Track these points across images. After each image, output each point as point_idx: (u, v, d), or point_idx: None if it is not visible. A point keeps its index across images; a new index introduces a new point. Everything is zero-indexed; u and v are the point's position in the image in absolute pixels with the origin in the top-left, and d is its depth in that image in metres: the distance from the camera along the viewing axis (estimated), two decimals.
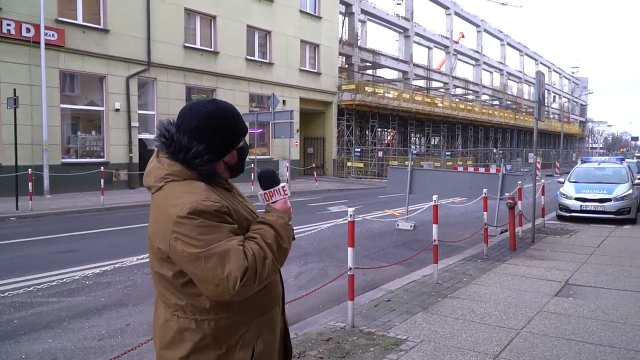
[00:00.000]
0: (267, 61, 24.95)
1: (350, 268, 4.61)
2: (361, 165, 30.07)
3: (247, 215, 1.75)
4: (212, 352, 1.66)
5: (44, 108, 16.06)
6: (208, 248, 1.54)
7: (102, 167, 15.57)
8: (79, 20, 17.64)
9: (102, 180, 14.85)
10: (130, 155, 19.10)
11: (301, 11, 26.68)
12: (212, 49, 22.21)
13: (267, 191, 1.79)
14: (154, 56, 19.59)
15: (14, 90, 13.89)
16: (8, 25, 15.58)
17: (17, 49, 15.92)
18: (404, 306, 5.33)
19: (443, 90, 49.12)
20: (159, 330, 1.74)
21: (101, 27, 18.13)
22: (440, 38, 46.68)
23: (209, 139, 1.70)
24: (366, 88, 30.82)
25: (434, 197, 6.29)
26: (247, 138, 1.90)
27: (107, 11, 18.23)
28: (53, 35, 16.56)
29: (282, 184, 1.81)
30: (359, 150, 31.42)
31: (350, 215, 4.58)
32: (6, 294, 4.91)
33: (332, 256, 8.23)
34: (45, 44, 15.95)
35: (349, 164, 29.74)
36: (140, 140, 19.84)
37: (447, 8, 46.98)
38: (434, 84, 50.08)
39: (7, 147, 15.14)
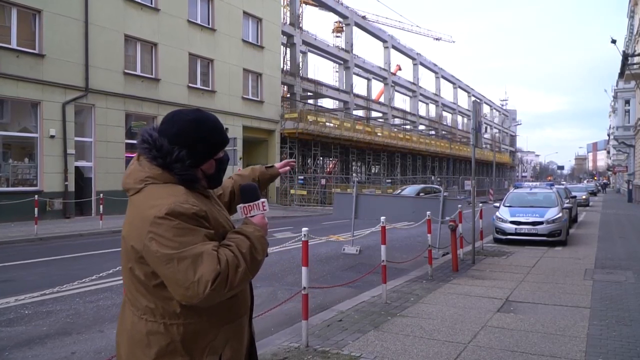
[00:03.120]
0: (210, 89, 24.91)
1: (305, 287, 4.67)
2: (304, 192, 30.29)
3: (224, 223, 1.78)
4: (178, 358, 1.65)
5: None
6: (182, 250, 1.54)
7: (35, 196, 14.84)
8: (13, 45, 16.97)
9: (36, 209, 14.13)
10: (66, 183, 18.30)
11: (244, 40, 26.96)
12: (153, 76, 21.92)
13: (246, 205, 1.84)
14: (92, 82, 19.08)
15: None
16: None
17: None
18: (355, 325, 5.43)
19: (382, 120, 50.71)
20: (126, 334, 1.72)
21: (36, 51, 17.51)
22: (379, 70, 48.40)
23: (189, 144, 1.73)
24: (308, 117, 31.33)
25: (382, 218, 6.50)
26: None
27: (43, 36, 17.66)
28: None
29: (261, 200, 1.84)
30: (302, 178, 31.69)
31: (304, 235, 4.67)
32: None
33: (281, 280, 8.24)
34: None
35: (292, 191, 29.87)
36: (77, 168, 19.09)
37: (384, 41, 48.95)
38: (374, 114, 51.68)
39: None
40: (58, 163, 18.16)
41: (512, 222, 12.89)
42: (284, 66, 34.77)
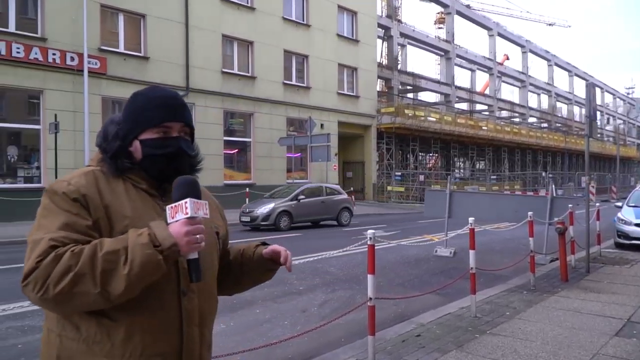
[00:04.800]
0: (305, 85, 24.89)
1: (371, 298, 4.06)
2: (402, 189, 29.31)
3: (135, 221, 1.37)
4: None
5: (86, 133, 16.33)
6: (32, 233, 1.31)
7: None
8: (121, 49, 18.09)
9: None
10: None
11: (339, 35, 26.63)
12: (249, 74, 22.33)
13: (173, 205, 1.34)
14: (192, 82, 19.83)
15: (55, 115, 14.20)
16: (53, 54, 16.08)
17: (62, 76, 16.37)
18: (435, 342, 4.71)
19: (487, 113, 47.89)
20: None
21: (141, 54, 18.52)
22: (483, 60, 45.76)
23: (123, 120, 1.50)
24: (406, 111, 30.27)
25: (470, 219, 5.67)
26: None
27: (147, 39, 18.64)
28: (95, 64, 16.99)
29: (185, 200, 1.31)
30: (400, 174, 30.72)
31: (371, 237, 4.06)
32: None
33: (362, 283, 7.65)
34: (88, 71, 16.32)
35: (389, 188, 29.05)
36: None
37: (489, 29, 46.14)
38: (478, 107, 48.98)
39: (50, 171, 15.45)
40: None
41: (638, 225, 11.13)
42: (380, 60, 33.98)
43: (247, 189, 18.87)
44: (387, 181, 29.51)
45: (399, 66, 36.48)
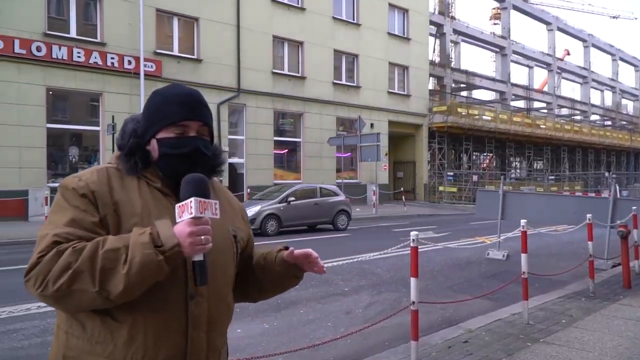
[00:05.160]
0: (355, 84, 24.76)
1: (414, 302, 3.93)
2: (454, 190, 28.62)
3: (145, 220, 1.34)
4: None
5: None
6: (42, 228, 1.31)
7: None
8: (175, 52, 18.64)
9: None
10: (221, 179, 19.45)
11: (389, 33, 26.32)
12: (299, 74, 22.45)
13: (180, 204, 1.29)
14: (243, 83, 20.15)
15: (112, 117, 14.79)
16: (112, 58, 16.77)
17: (120, 80, 17.06)
18: (483, 350, 4.50)
19: (546, 110, 46.02)
20: None
21: (195, 57, 19.01)
22: (542, 55, 44.01)
23: (142, 118, 1.49)
24: (459, 110, 29.52)
25: (522, 221, 5.40)
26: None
27: (201, 42, 19.10)
28: (151, 67, 17.58)
29: (191, 199, 1.25)
30: (452, 174, 30.01)
31: (414, 239, 3.92)
32: None
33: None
34: (144, 74, 16.92)
35: (441, 188, 28.44)
36: (231, 164, 20.35)
37: (548, 24, 44.31)
38: (536, 104, 47.17)
39: None
40: None
41: None
42: (432, 58, 33.33)
43: None
44: (439, 181, 28.91)
45: (452, 64, 35.70)
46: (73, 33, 16.38)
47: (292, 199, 14.28)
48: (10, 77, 14.84)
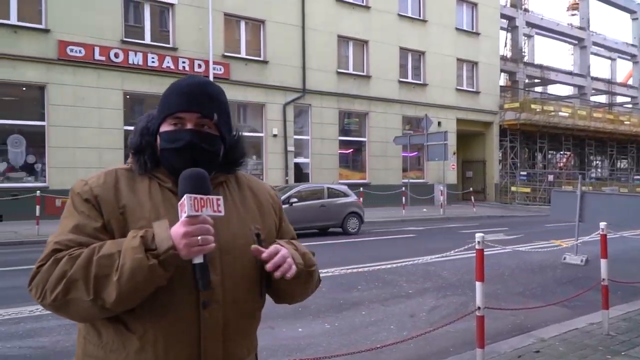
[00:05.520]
0: (421, 82, 24.24)
1: (479, 308, 3.72)
2: (528, 190, 27.30)
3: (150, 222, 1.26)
4: None
5: None
6: (51, 235, 1.29)
7: None
8: (242, 54, 19.08)
9: None
10: (287, 178, 19.84)
11: (457, 29, 25.54)
12: (364, 73, 22.30)
13: (180, 203, 1.20)
14: (308, 83, 20.29)
15: None
16: (183, 62, 17.44)
17: None
18: None
19: (630, 105, 42.94)
20: None
21: (261, 59, 19.37)
22: (625, 46, 41.11)
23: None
24: (533, 106, 28.14)
25: (602, 224, 5.00)
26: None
27: (267, 44, 19.43)
28: (220, 69, 18.11)
29: (186, 197, 1.15)
30: (525, 173, 28.67)
31: (479, 242, 3.72)
32: None
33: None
34: (213, 77, 17.45)
35: (513, 188, 27.23)
36: (296, 164, 20.57)
37: (632, 12, 41.29)
38: (619, 99, 44.11)
39: None
40: (280, 160, 19.80)
41: None
42: (504, 52, 32.02)
43: (362, 188, 18.85)
44: (511, 181, 27.70)
45: (525, 58, 34.12)
46: (148, 39, 17.18)
47: (295, 200, 13.17)
48: (91, 82, 15.80)
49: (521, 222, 18.22)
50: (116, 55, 16.16)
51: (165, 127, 1.34)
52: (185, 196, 1.16)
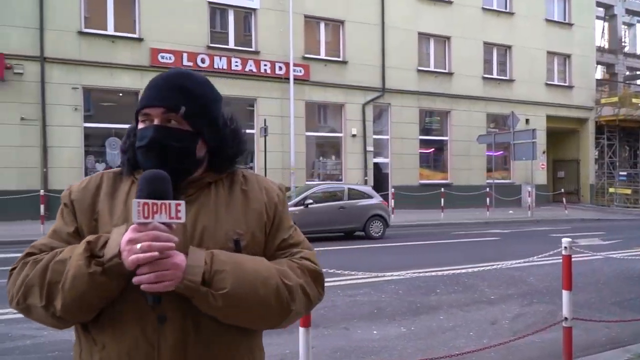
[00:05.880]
0: (507, 78, 23.15)
1: (566, 318, 3.45)
2: (628, 191, 25.18)
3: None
4: None
5: (292, 136, 17.80)
6: None
7: None
8: (322, 55, 19.25)
9: None
10: (366, 178, 19.76)
11: (547, 20, 24.09)
12: (446, 70, 21.69)
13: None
14: (388, 82, 20.07)
15: (264, 120, 15.76)
16: (265, 65, 17.91)
17: (271, 85, 18.14)
18: None
19: None
20: None
21: (340, 59, 19.44)
22: None
23: None
24: (634, 100, 25.88)
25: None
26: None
27: (346, 44, 19.46)
28: (300, 71, 18.40)
29: (134, 202, 1.06)
30: (625, 173, 26.44)
31: (566, 247, 3.44)
32: None
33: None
34: (294, 79, 17.77)
35: (611, 190, 25.23)
36: (375, 164, 20.43)
37: None
38: None
39: (261, 171, 17.23)
40: (359, 160, 19.75)
41: None
42: (600, 43, 29.77)
43: (443, 189, 18.33)
44: (608, 182, 25.70)
45: (626, 49, 31.48)
46: (232, 44, 17.84)
47: (310, 201, 12.41)
48: None
49: (620, 226, 16.83)
50: (202, 61, 16.93)
51: (139, 125, 1.27)
52: (133, 202, 1.05)
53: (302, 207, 12.15)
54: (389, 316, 5.73)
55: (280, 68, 18.08)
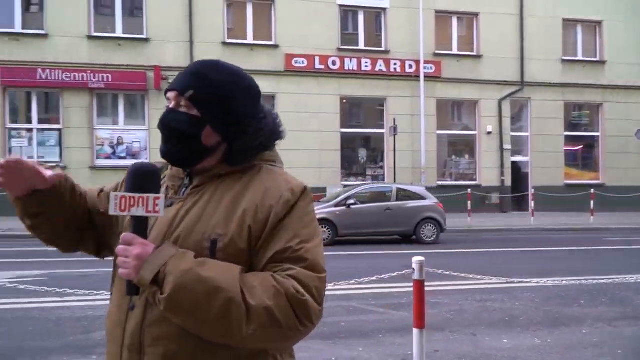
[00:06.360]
0: None
1: None
2: None
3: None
4: None
5: (422, 135, 17.46)
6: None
7: (468, 190, 15.78)
8: (454, 51, 18.61)
9: (469, 202, 15.02)
10: (502, 178, 18.69)
11: None
12: (597, 59, 19.64)
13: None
14: (527, 75, 18.79)
15: (394, 119, 15.67)
16: (395, 64, 17.82)
17: (401, 84, 17.98)
18: None
19: None
20: None
21: (474, 53, 18.60)
22: None
23: None
24: None
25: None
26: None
27: (481, 37, 18.56)
28: (431, 68, 17.98)
29: (111, 194, 1.10)
30: None
31: None
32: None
33: None
34: (424, 76, 17.42)
35: None
36: (513, 162, 19.20)
37: None
38: None
39: (390, 170, 17.17)
40: (494, 158, 18.72)
41: None
42: None
43: (593, 190, 16.51)
44: None
45: None
46: (362, 45, 18.04)
47: (353, 201, 11.80)
48: (311, 89, 17.26)
49: None
50: (333, 63, 17.36)
51: None
52: (111, 194, 1.10)
53: (343, 208, 11.69)
54: (522, 325, 5.33)
55: (411, 66, 17.83)
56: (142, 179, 1.11)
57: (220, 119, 1.20)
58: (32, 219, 1.24)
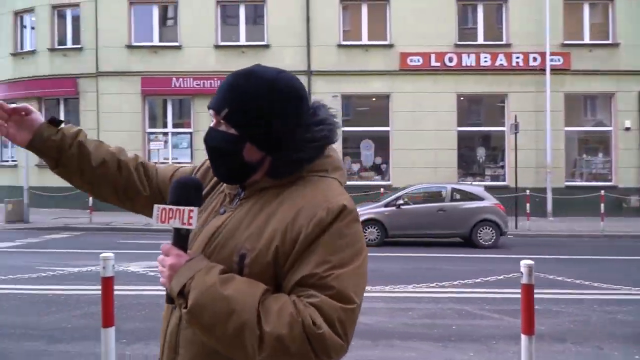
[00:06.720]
0: None
1: None
2: None
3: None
4: None
5: (548, 132, 16.29)
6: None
7: (601, 191, 14.40)
8: (585, 40, 17.10)
9: (602, 204, 13.76)
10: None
11: None
12: None
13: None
14: None
15: (515, 116, 14.83)
16: (517, 58, 16.83)
17: (524, 78, 16.91)
18: None
19: None
20: None
21: (609, 42, 16.93)
22: None
23: None
24: None
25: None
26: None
27: (617, 23, 16.85)
28: (558, 60, 16.70)
29: (154, 207, 1.16)
30: None
31: None
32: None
33: None
34: (550, 69, 16.23)
35: None
36: None
37: None
38: None
39: (511, 170, 16.25)
40: (634, 157, 16.89)
41: None
42: None
43: None
44: None
45: None
46: (480, 40, 17.30)
47: (402, 202, 11.46)
48: (427, 88, 16.91)
49: None
50: (450, 59, 16.86)
51: None
52: (154, 206, 1.16)
53: (393, 208, 11.45)
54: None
55: (535, 59, 16.72)
56: (182, 192, 1.15)
57: (259, 135, 1.17)
58: (58, 170, 1.36)
